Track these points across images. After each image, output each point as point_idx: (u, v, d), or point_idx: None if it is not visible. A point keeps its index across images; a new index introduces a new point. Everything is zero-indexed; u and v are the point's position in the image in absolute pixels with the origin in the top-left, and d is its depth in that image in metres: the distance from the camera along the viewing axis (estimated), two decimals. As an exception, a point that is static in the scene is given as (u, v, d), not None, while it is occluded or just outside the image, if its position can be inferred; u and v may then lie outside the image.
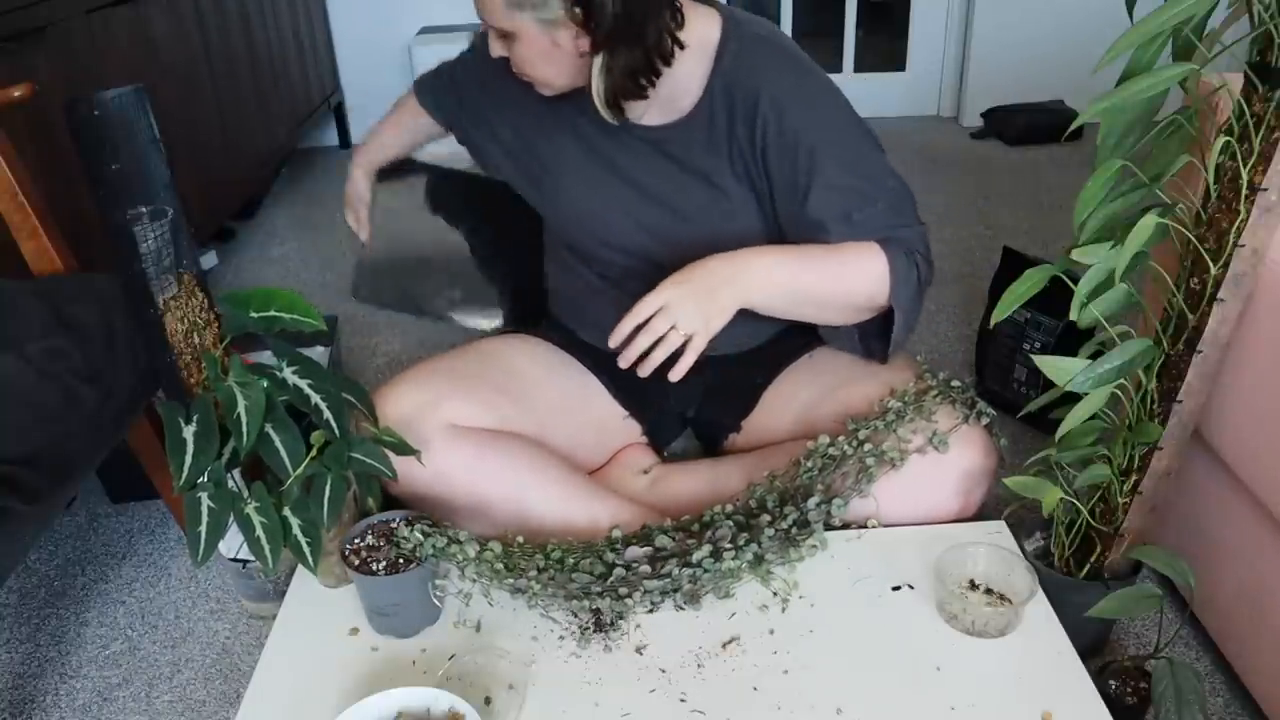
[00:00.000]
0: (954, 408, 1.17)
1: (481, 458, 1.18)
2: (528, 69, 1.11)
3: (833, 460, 1.16)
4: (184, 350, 1.08)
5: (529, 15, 1.04)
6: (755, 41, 1.14)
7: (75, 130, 0.98)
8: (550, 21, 1.04)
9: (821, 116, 1.14)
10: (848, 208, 1.12)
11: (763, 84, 1.12)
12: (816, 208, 1.12)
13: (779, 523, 1.12)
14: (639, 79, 1.08)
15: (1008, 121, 3.15)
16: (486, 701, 0.95)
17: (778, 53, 1.15)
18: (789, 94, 1.12)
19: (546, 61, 1.09)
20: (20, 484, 0.96)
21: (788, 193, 1.15)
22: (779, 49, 1.15)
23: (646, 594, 1.06)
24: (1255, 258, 0.88)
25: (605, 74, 1.07)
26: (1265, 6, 0.79)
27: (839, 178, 1.12)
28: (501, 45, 1.10)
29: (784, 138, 1.12)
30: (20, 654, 1.27)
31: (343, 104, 3.41)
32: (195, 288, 1.08)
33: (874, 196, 1.13)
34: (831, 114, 1.15)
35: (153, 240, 1.02)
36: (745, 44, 1.14)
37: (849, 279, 1.12)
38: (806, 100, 1.13)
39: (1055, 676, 0.97)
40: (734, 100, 1.14)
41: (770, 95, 1.12)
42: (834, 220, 1.12)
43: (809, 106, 1.13)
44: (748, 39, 1.14)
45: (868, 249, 1.12)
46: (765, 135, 1.13)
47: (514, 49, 1.09)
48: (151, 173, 1.01)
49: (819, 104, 1.14)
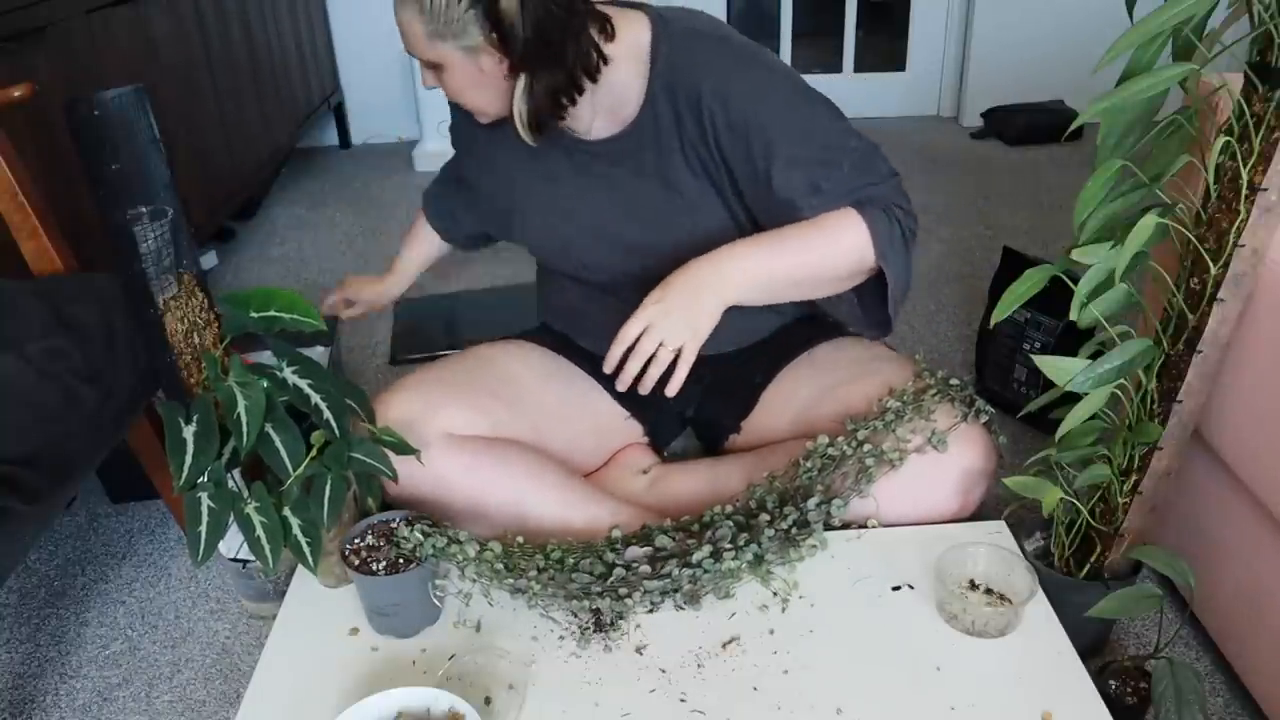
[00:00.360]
0: (953, 406, 1.17)
1: (479, 464, 1.18)
2: (460, 98, 1.12)
3: (832, 461, 1.16)
4: (184, 350, 1.08)
5: (451, 44, 1.05)
6: (686, 37, 1.13)
7: (75, 130, 0.98)
8: (472, 49, 1.05)
9: (767, 96, 1.11)
10: (814, 179, 1.10)
11: (702, 78, 1.11)
12: (782, 187, 1.11)
13: (779, 523, 1.12)
14: (560, 98, 1.09)
15: (1008, 121, 3.15)
16: (486, 701, 0.95)
17: (711, 43, 1.13)
18: (729, 82, 1.11)
19: (476, 89, 1.09)
20: (20, 484, 0.96)
21: (750, 179, 1.14)
22: (711, 39, 1.14)
23: (646, 594, 1.06)
24: (1255, 258, 0.88)
25: (527, 96, 1.08)
26: (1265, 6, 0.79)
27: (798, 151, 1.10)
28: (433, 77, 1.11)
29: (734, 127, 1.11)
30: (20, 654, 1.27)
31: (343, 104, 3.41)
32: (195, 288, 1.08)
33: (838, 161, 1.12)
34: (776, 91, 1.12)
35: (153, 240, 1.02)
36: (676, 42, 1.13)
37: (830, 251, 1.11)
38: (748, 83, 1.11)
39: (1055, 676, 0.97)
40: (677, 99, 1.13)
41: (711, 87, 1.10)
42: (802, 195, 1.11)
43: (752, 89, 1.11)
44: (678, 36, 1.13)
45: (844, 216, 1.10)
46: (715, 127, 1.12)
47: (444, 79, 1.10)
48: (151, 173, 1.01)
49: (761, 84, 1.12)
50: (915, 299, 2.11)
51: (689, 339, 1.06)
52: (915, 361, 1.28)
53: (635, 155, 1.19)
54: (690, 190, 1.18)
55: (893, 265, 1.12)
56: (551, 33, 1.02)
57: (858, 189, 1.12)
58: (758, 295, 1.11)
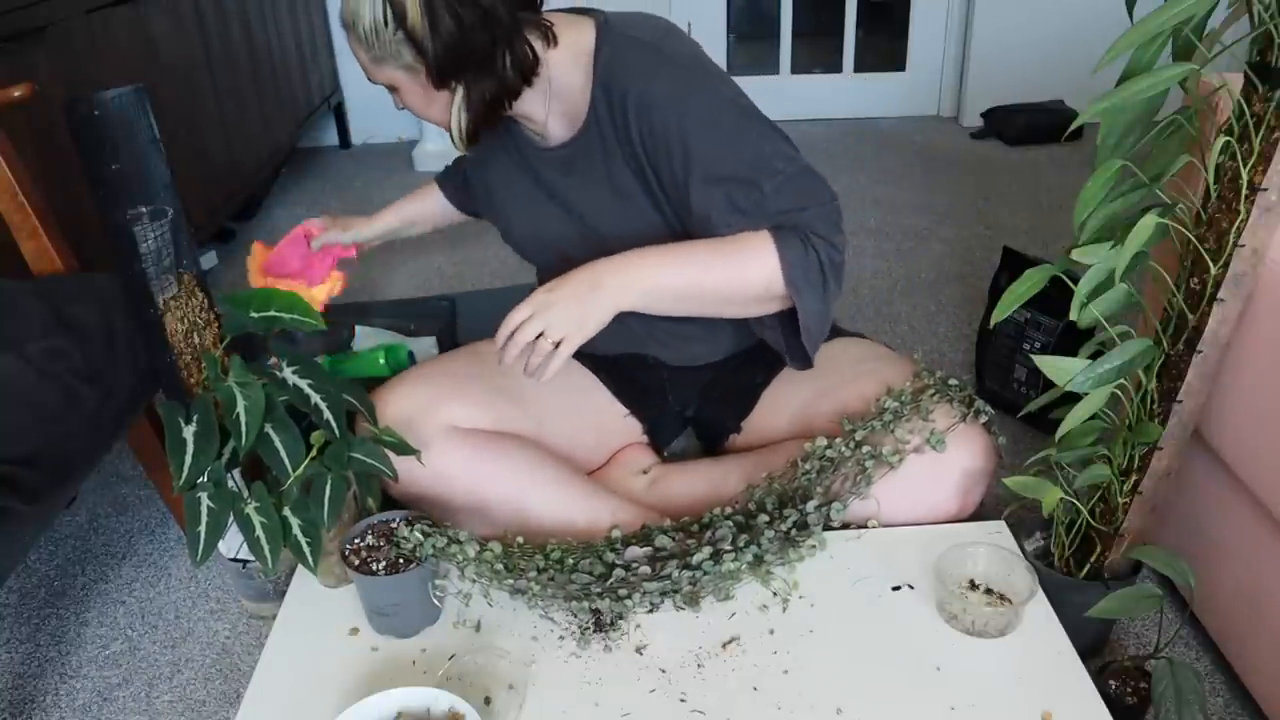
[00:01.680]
0: (952, 406, 1.17)
1: (481, 459, 1.18)
2: (418, 114, 1.14)
3: (830, 462, 1.16)
4: (184, 350, 1.08)
5: (392, 66, 1.06)
6: (625, 43, 1.12)
7: (75, 130, 0.98)
8: (409, 68, 1.06)
9: (691, 108, 1.09)
10: (733, 198, 1.08)
11: (630, 85, 1.10)
12: (700, 202, 1.10)
13: (778, 524, 1.12)
14: (496, 106, 1.10)
15: (1008, 121, 3.15)
16: (486, 701, 0.95)
17: (645, 49, 1.12)
18: (654, 92, 1.09)
19: (427, 105, 1.11)
20: (20, 484, 0.96)
21: (672, 190, 1.13)
22: (647, 45, 1.12)
23: (646, 595, 1.06)
24: (1255, 258, 0.88)
25: (465, 105, 1.09)
26: (1265, 6, 0.79)
27: (718, 168, 1.08)
28: (396, 98, 1.13)
29: (655, 137, 1.10)
30: (20, 654, 1.27)
31: (343, 104, 3.41)
32: (195, 288, 1.08)
33: (758, 181, 1.08)
34: (704, 104, 1.10)
35: (153, 240, 1.02)
36: (616, 48, 1.12)
37: (736, 273, 1.08)
38: (674, 95, 1.09)
39: (1055, 676, 0.97)
40: (612, 105, 1.13)
41: (636, 95, 1.10)
42: (720, 212, 1.09)
43: (677, 101, 1.09)
44: (619, 42, 1.12)
45: (757, 239, 1.07)
46: (641, 135, 1.11)
47: (401, 98, 1.12)
48: (151, 173, 1.01)
49: (687, 94, 1.09)
50: (915, 299, 2.11)
51: (572, 333, 1.04)
52: (914, 362, 1.28)
53: (586, 158, 1.19)
54: (636, 195, 1.18)
55: (805, 296, 1.08)
56: (471, 44, 1.03)
57: (779, 213, 1.08)
58: (656, 305, 1.09)
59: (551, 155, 1.22)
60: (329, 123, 3.42)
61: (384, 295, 2.26)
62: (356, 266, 1.60)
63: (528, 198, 1.27)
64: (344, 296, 2.27)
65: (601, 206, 1.20)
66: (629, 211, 1.19)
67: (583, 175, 1.20)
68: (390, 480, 1.10)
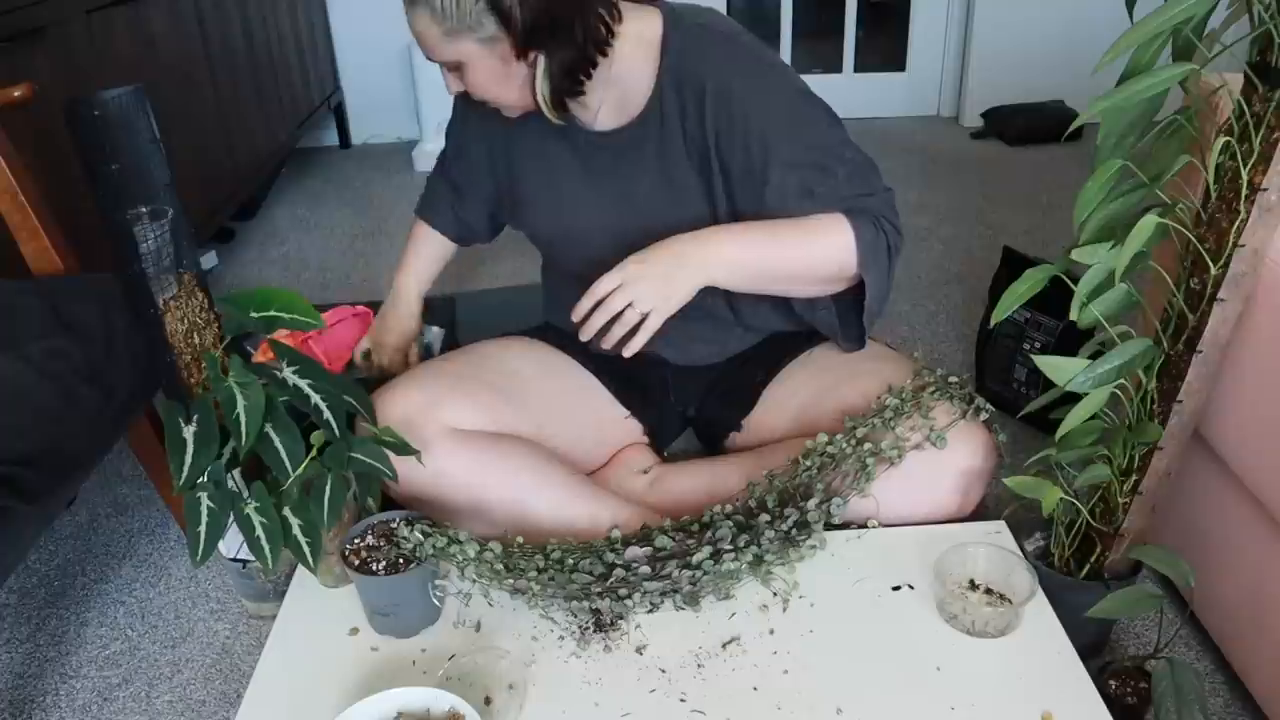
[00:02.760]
0: (952, 404, 1.17)
1: (481, 460, 1.18)
2: (484, 93, 1.12)
3: (831, 459, 1.16)
4: (184, 350, 1.08)
5: (468, 39, 1.06)
6: (697, 31, 1.15)
7: (75, 130, 0.98)
8: (488, 40, 1.05)
9: (769, 98, 1.13)
10: (808, 184, 1.13)
11: (708, 73, 1.13)
12: (777, 189, 1.13)
13: (779, 524, 1.12)
14: (577, 76, 1.10)
15: (1008, 121, 3.15)
16: (486, 701, 0.95)
17: (720, 40, 1.15)
18: (733, 79, 1.13)
19: (499, 81, 1.10)
20: (20, 484, 0.96)
21: (745, 178, 1.15)
22: (721, 35, 1.15)
23: (646, 595, 1.06)
24: (1255, 258, 0.88)
25: (546, 77, 1.09)
26: (1265, 6, 0.79)
27: (795, 156, 1.12)
28: (455, 79, 1.12)
29: (734, 125, 1.13)
30: (20, 654, 1.27)
31: (343, 104, 3.41)
32: (195, 288, 1.08)
33: (833, 168, 1.14)
34: (779, 93, 1.14)
35: (153, 240, 1.02)
36: (688, 36, 1.15)
37: (815, 251, 1.12)
38: (752, 84, 1.13)
39: (1055, 676, 0.97)
40: (683, 93, 1.15)
41: (715, 83, 1.12)
42: (795, 198, 1.13)
43: (755, 90, 1.13)
44: (690, 30, 1.15)
45: (833, 220, 1.12)
46: (716, 124, 1.13)
47: (467, 77, 1.10)
48: (151, 173, 1.01)
49: (766, 86, 1.14)
50: (915, 299, 2.11)
51: (658, 306, 1.06)
52: (915, 360, 1.28)
53: (639, 147, 1.20)
54: (690, 185, 1.19)
55: (873, 276, 1.14)
56: (557, 11, 1.04)
57: (850, 198, 1.13)
58: (737, 281, 1.12)
59: (603, 142, 1.21)
60: (329, 123, 3.42)
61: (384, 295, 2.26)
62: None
63: (567, 184, 1.26)
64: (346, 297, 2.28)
65: (650, 195, 1.21)
66: (679, 201, 1.20)
67: (634, 164, 1.21)
68: (390, 481, 1.10)
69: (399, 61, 3.34)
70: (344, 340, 1.56)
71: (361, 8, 3.28)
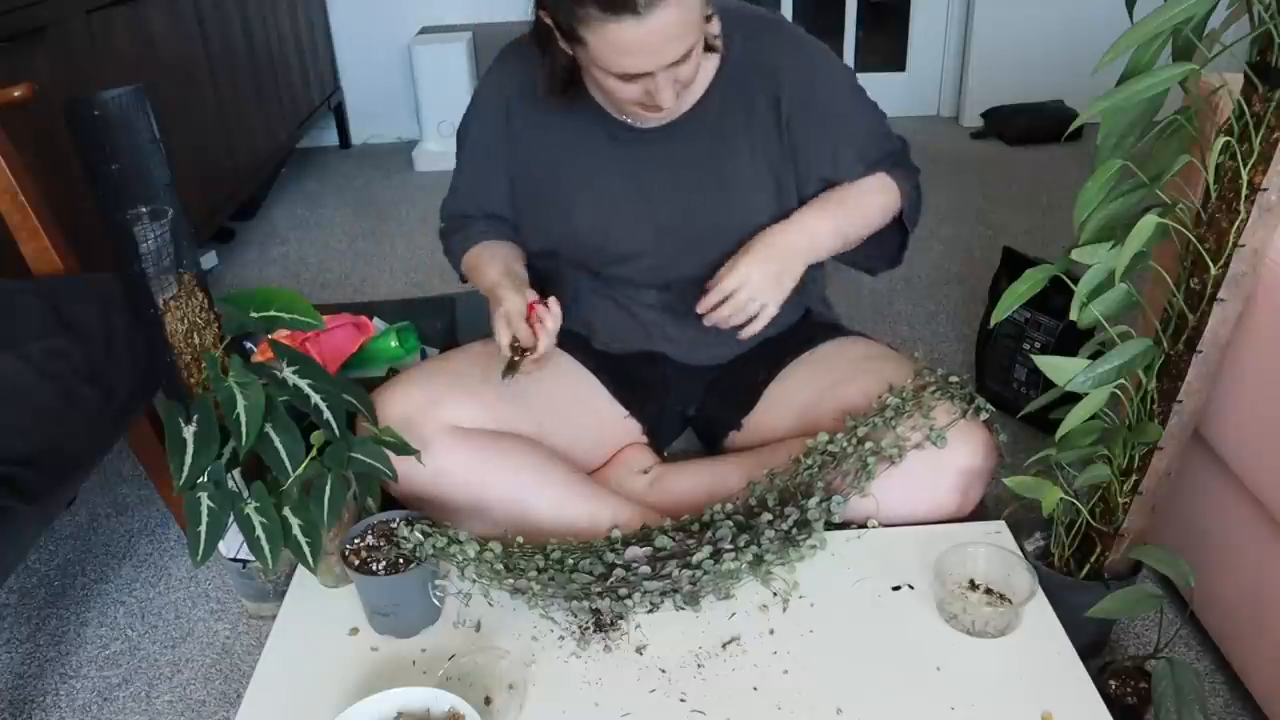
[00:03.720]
0: (952, 403, 1.17)
1: (481, 459, 1.18)
2: (689, 78, 1.08)
3: (832, 458, 1.16)
4: (184, 350, 1.08)
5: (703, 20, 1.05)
6: (759, 19, 1.21)
7: (75, 130, 0.98)
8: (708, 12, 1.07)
9: (836, 81, 1.24)
10: (864, 153, 1.26)
11: (782, 58, 1.19)
12: (843, 160, 1.24)
13: (779, 523, 1.12)
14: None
15: (1008, 121, 3.15)
16: (486, 701, 0.95)
17: (783, 25, 1.23)
18: (808, 63, 1.21)
19: (700, 58, 1.09)
20: (20, 484, 0.96)
21: (815, 153, 1.23)
22: (781, 22, 1.24)
23: (646, 595, 1.06)
24: (1255, 258, 0.88)
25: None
26: (1265, 6, 0.79)
27: (857, 128, 1.25)
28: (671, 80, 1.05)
29: (811, 107, 1.20)
30: (20, 654, 1.27)
31: (343, 104, 3.41)
32: (195, 288, 1.08)
33: (876, 139, 1.28)
34: (842, 77, 1.25)
35: (153, 240, 1.02)
36: (749, 27, 1.19)
37: (877, 212, 1.28)
38: (823, 66, 1.23)
39: (1055, 676, 0.97)
40: (752, 79, 1.19)
41: (792, 66, 1.19)
42: (853, 165, 1.26)
43: (826, 73, 1.23)
44: (750, 18, 1.20)
45: (881, 183, 1.27)
46: (791, 105, 1.20)
47: (691, 60, 1.05)
48: (151, 173, 1.01)
49: (831, 69, 1.24)
50: (915, 299, 2.11)
51: (775, 298, 1.18)
52: (915, 360, 1.28)
53: (691, 139, 1.22)
54: (739, 174, 1.22)
55: (910, 218, 1.32)
56: None
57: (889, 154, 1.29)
58: (828, 253, 1.25)
59: (650, 136, 1.22)
60: (329, 123, 3.42)
61: (384, 295, 2.26)
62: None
63: (608, 181, 1.24)
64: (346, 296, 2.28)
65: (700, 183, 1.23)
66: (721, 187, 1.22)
67: (683, 155, 1.22)
68: (390, 480, 1.10)
69: (399, 61, 3.33)
70: (341, 345, 1.57)
71: (361, 8, 3.28)
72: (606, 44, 0.99)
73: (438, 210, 1.40)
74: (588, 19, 0.98)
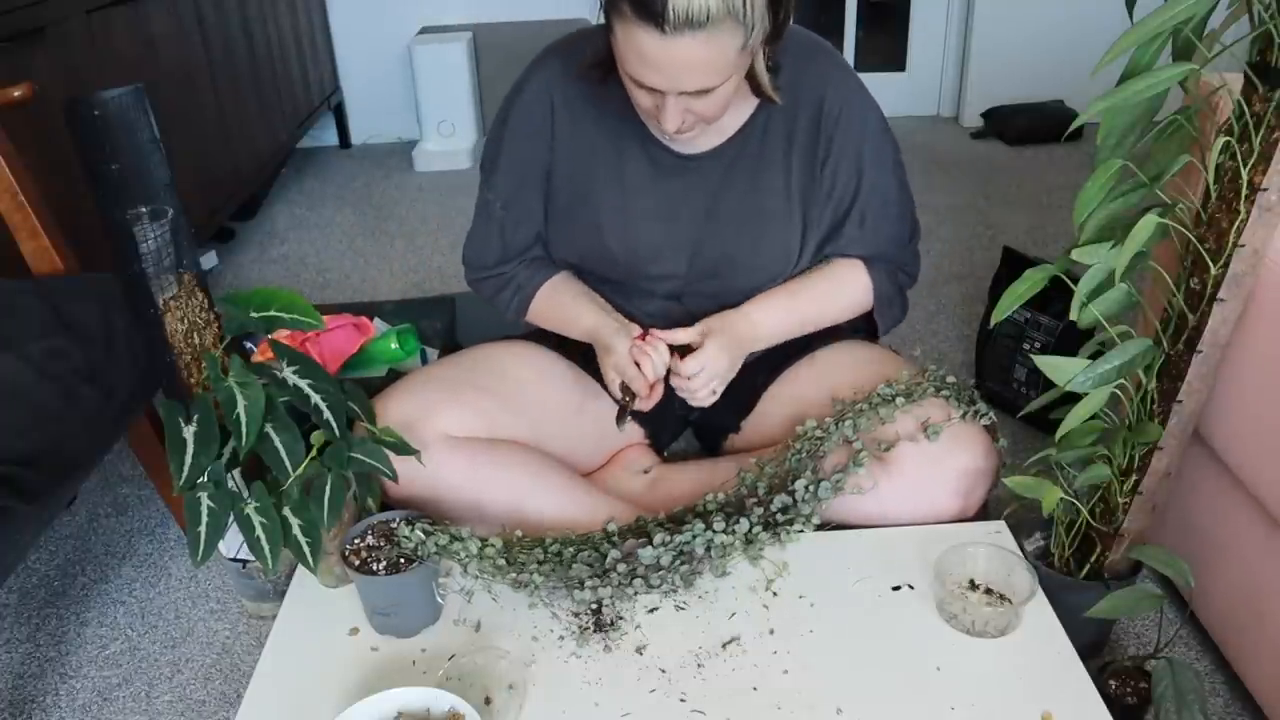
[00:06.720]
0: (954, 404, 1.17)
1: (478, 466, 1.18)
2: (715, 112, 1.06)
3: (819, 443, 1.17)
4: (184, 350, 1.08)
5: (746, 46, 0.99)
6: (804, 50, 1.17)
7: (75, 130, 0.98)
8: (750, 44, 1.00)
9: (873, 124, 1.21)
10: (867, 213, 1.23)
11: (828, 91, 1.17)
12: (853, 209, 1.23)
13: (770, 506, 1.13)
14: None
15: (1008, 121, 3.15)
16: (486, 701, 0.95)
17: (827, 56, 1.20)
18: (851, 102, 1.18)
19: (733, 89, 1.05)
20: (20, 484, 0.96)
21: (829, 192, 1.21)
22: (826, 52, 1.20)
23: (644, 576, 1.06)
24: (1255, 258, 0.88)
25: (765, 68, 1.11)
26: (1265, 6, 0.79)
27: (873, 184, 1.22)
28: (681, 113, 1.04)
29: (847, 146, 1.19)
30: (20, 654, 1.27)
31: (343, 104, 3.41)
32: (195, 288, 1.08)
33: (892, 201, 1.25)
34: (879, 122, 1.22)
35: (153, 240, 1.02)
36: (796, 55, 1.15)
37: (839, 305, 1.29)
38: (863, 108, 1.20)
39: (1055, 676, 0.97)
40: (797, 111, 1.17)
41: (835, 101, 1.17)
42: (853, 223, 1.23)
43: (863, 117, 1.20)
44: (797, 48, 1.15)
45: (855, 274, 1.27)
46: (831, 141, 1.19)
47: (711, 98, 1.03)
48: (151, 173, 1.01)
49: (870, 114, 1.21)
50: (915, 299, 2.09)
51: (724, 382, 1.21)
52: (916, 362, 1.28)
53: (730, 165, 1.19)
54: (775, 209, 1.20)
55: (885, 321, 1.32)
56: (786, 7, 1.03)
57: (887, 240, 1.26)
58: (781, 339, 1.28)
59: (691, 163, 1.20)
60: (329, 122, 3.42)
61: (384, 295, 2.26)
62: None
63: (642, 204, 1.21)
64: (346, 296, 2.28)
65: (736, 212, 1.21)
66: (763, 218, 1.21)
67: (721, 183, 1.20)
68: (390, 487, 1.10)
69: (399, 61, 3.33)
70: (341, 345, 1.56)
71: (361, 8, 3.28)
72: (629, 43, 0.99)
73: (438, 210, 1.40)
74: (621, 11, 0.97)
